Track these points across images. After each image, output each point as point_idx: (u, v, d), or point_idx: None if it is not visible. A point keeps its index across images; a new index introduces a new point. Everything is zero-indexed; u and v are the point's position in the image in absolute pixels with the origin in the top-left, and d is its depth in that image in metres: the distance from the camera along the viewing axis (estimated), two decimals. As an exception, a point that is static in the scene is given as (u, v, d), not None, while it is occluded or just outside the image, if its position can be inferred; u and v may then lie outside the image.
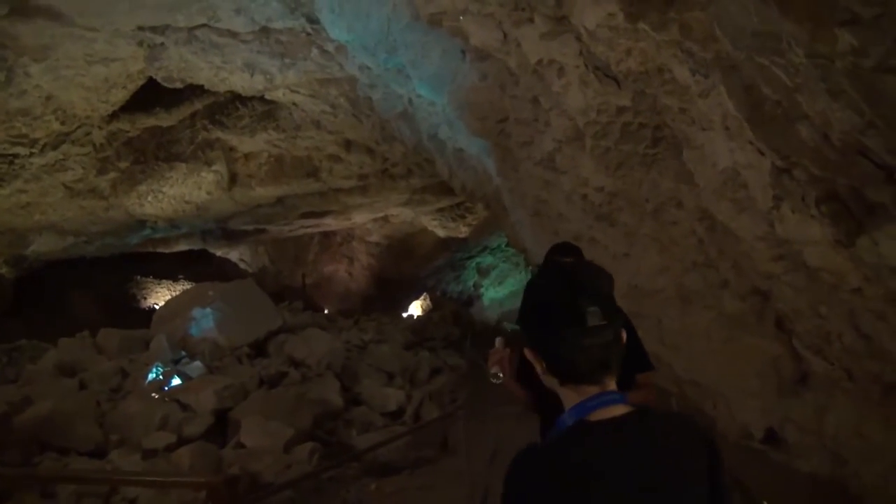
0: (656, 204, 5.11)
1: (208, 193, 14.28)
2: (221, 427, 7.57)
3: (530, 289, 1.21)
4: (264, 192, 14.94)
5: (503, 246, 24.89)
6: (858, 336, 3.21)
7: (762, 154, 3.05)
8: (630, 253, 5.76)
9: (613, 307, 1.16)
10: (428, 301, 24.30)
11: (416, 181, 15.81)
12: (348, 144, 13.80)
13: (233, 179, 14.11)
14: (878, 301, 2.81)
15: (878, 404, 3.49)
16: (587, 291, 1.14)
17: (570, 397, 1.16)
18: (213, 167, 13.25)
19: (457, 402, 9.99)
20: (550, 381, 1.18)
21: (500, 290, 26.64)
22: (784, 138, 2.86)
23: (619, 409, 1.13)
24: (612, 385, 1.16)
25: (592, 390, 1.14)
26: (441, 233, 23.54)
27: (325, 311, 20.37)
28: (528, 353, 1.18)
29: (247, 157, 13.82)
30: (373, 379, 10.15)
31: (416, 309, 24.80)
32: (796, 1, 2.28)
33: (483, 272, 26.56)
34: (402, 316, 22.29)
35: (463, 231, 22.92)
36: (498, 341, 2.42)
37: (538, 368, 1.17)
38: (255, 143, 13.13)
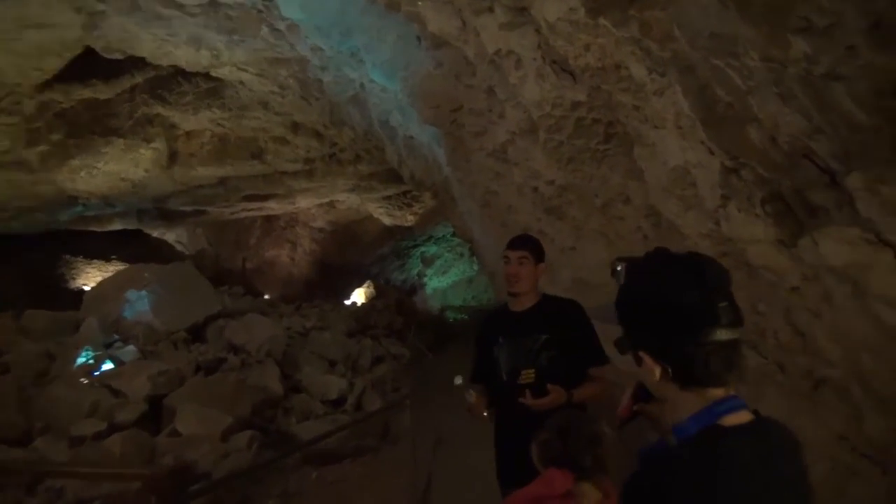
0: (605, 199, 5.19)
1: (146, 171, 13.72)
2: (155, 414, 7.32)
3: (648, 288, 1.09)
4: (206, 173, 14.47)
5: (448, 236, 24.97)
6: (794, 333, 3.34)
7: (712, 154, 3.12)
8: (577, 246, 5.85)
9: (736, 303, 1.08)
10: (371, 289, 24.14)
11: (364, 167, 15.62)
12: (296, 127, 13.51)
13: (173, 158, 13.60)
14: (814, 299, 2.92)
15: (807, 398, 3.64)
16: (719, 287, 1.06)
17: (689, 403, 1.06)
18: (153, 144, 12.73)
19: (400, 392, 9.98)
20: (664, 390, 1.09)
21: (443, 279, 26.75)
22: (734, 139, 2.94)
23: (746, 415, 1.05)
24: (733, 387, 1.08)
25: (718, 394, 1.06)
26: (387, 221, 23.40)
27: (266, 297, 19.95)
28: (645, 359, 1.07)
29: (189, 134, 13.34)
30: (314, 366, 10.01)
31: (359, 296, 24.59)
32: (754, 5, 2.34)
33: (427, 262, 26.59)
34: (344, 303, 22.07)
35: (409, 220, 22.85)
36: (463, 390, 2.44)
37: (652, 376, 1.07)
38: (198, 120, 12.68)
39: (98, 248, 21.26)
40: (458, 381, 2.47)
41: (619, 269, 1.24)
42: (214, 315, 10.84)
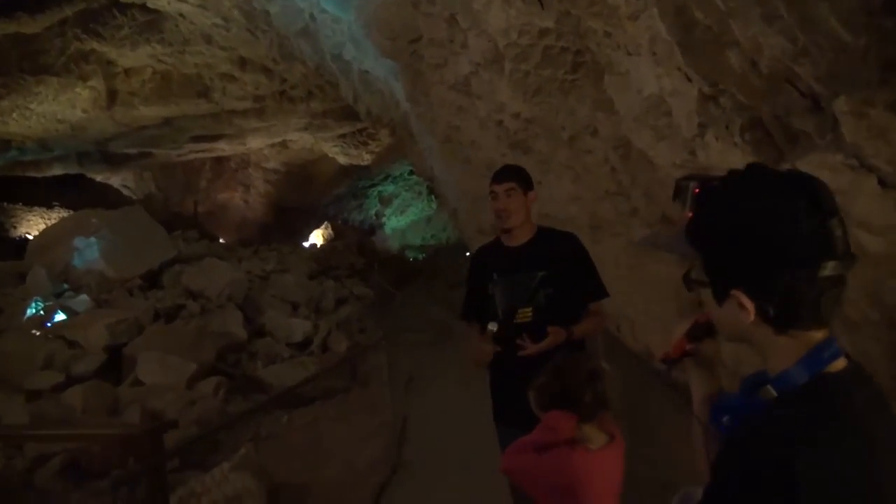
0: (572, 132, 5.10)
1: (84, 112, 12.95)
2: (115, 364, 7.13)
3: (751, 213, 0.88)
4: (149, 113, 13.75)
5: (406, 174, 24.66)
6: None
7: (689, 80, 3.04)
8: (543, 181, 5.77)
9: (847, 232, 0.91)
10: (330, 230, 23.85)
11: (317, 105, 15.09)
12: (243, 63, 12.87)
13: (112, 97, 12.83)
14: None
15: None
16: (834, 212, 0.87)
17: (787, 349, 0.89)
18: (89, 83, 11.96)
19: (366, 332, 9.98)
20: (754, 334, 0.91)
21: (402, 219, 26.60)
22: (713, 64, 2.85)
23: (842, 360, 0.90)
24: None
25: (818, 337, 0.89)
26: (343, 160, 22.87)
27: (222, 241, 19.50)
28: (739, 298, 0.88)
29: (128, 72, 12.57)
30: (277, 310, 9.88)
31: (317, 238, 24.30)
32: (743, -83, 2.21)
33: (385, 201, 26.33)
34: (303, 245, 21.79)
35: (366, 158, 22.37)
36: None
37: (742, 319, 0.89)
38: (138, 56, 11.93)
39: (38, 194, 20.28)
40: (494, 327, 2.37)
41: (688, 189, 0.99)
42: (170, 261, 10.52)
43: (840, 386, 0.86)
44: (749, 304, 0.88)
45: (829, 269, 0.85)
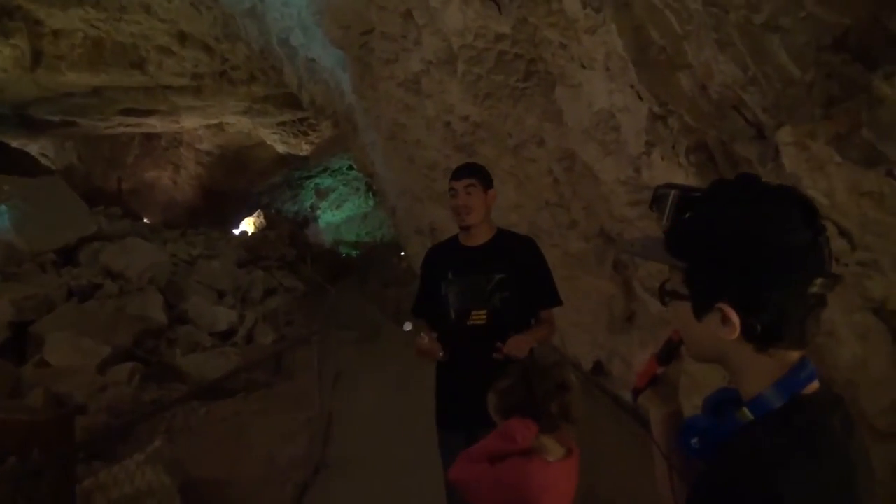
0: (518, 140, 5.13)
1: (4, 71, 12.13)
2: (19, 343, 6.66)
3: (745, 224, 0.83)
4: (77, 79, 13.01)
5: (345, 169, 24.35)
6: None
7: (641, 98, 3.10)
8: (486, 186, 5.79)
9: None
10: (262, 219, 23.22)
11: (258, 89, 14.69)
12: (183, 37, 12.38)
13: (36, 59, 12.07)
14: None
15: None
16: (824, 228, 0.84)
17: (766, 369, 0.86)
18: (12, 40, 11.20)
19: (293, 325, 9.74)
20: (735, 353, 0.87)
21: (337, 213, 26.24)
22: (665, 85, 2.91)
23: (815, 381, 0.87)
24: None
25: (794, 357, 0.86)
26: (280, 148, 22.35)
27: (146, 221, 18.64)
28: (725, 313, 0.84)
29: (56, 34, 11.84)
30: (201, 296, 9.50)
31: (248, 226, 23.61)
32: (707, -56, 2.26)
33: (321, 194, 25.91)
34: (233, 232, 21.11)
35: (304, 149, 21.94)
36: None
37: (726, 335, 0.85)
38: (68, 18, 11.26)
39: (-56, 157, 18.79)
40: (408, 327, 2.31)
41: (668, 197, 0.95)
42: (89, 237, 9.92)
43: (817, 409, 0.85)
44: (735, 319, 0.84)
45: (817, 286, 0.83)
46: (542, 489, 1.58)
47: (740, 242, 0.84)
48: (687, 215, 0.92)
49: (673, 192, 0.95)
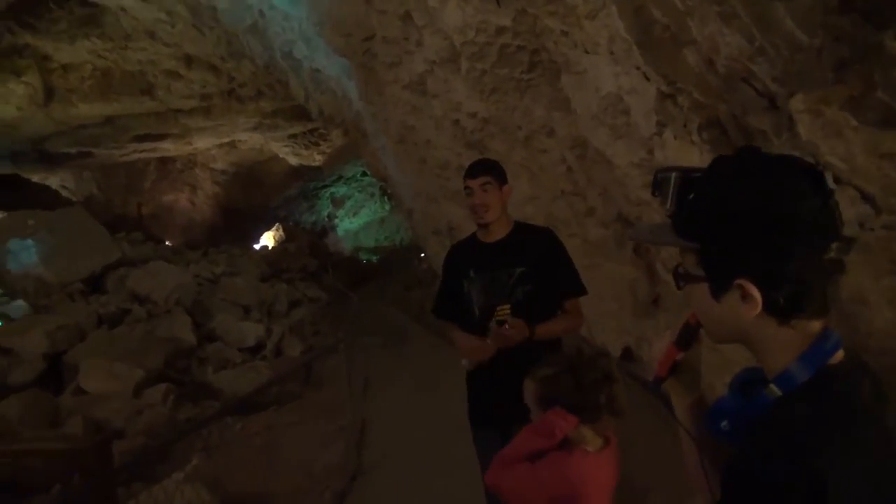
0: (528, 131, 5.11)
1: (18, 109, 12.35)
2: (55, 373, 6.79)
3: (755, 196, 0.82)
4: (89, 110, 13.23)
5: (359, 175, 24.44)
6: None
7: (648, 79, 3.06)
8: (500, 181, 5.77)
9: None
10: (281, 232, 23.42)
11: (266, 104, 14.81)
12: (189, 60, 12.52)
13: (49, 94, 12.30)
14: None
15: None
16: (832, 194, 0.83)
17: (790, 342, 0.84)
18: (24, 78, 11.43)
19: (320, 335, 9.80)
20: (758, 328, 0.85)
21: (355, 220, 26.34)
22: (671, 63, 2.88)
23: (841, 350, 0.86)
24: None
25: (817, 327, 0.84)
26: (293, 161, 22.50)
27: (168, 244, 18.89)
28: (746, 289, 0.83)
29: (66, 68, 12.05)
30: (228, 313, 9.61)
31: (268, 240, 23.83)
32: (702, -84, 2.23)
33: (337, 202, 26.03)
34: (254, 247, 21.32)
35: (317, 159, 22.07)
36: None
37: (748, 312, 0.84)
38: (76, 52, 11.46)
39: (-32, 195, 19.22)
40: (466, 364, 2.32)
41: (669, 180, 0.94)
42: (114, 264, 10.10)
43: (846, 378, 0.83)
44: (757, 294, 0.83)
45: (834, 250, 0.82)
46: (584, 482, 1.54)
47: (753, 216, 0.82)
48: (691, 196, 0.90)
49: (674, 175, 0.94)
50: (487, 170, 2.47)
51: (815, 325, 0.85)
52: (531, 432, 1.60)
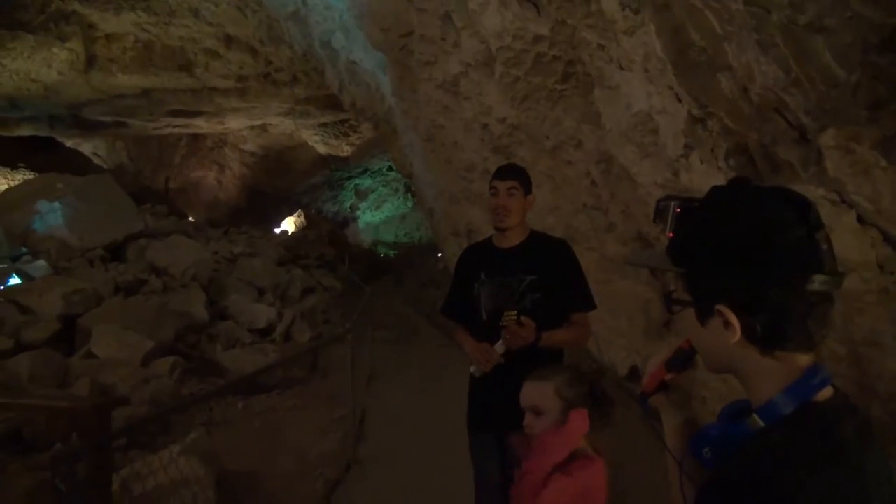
0: (556, 142, 5.10)
1: (60, 74, 12.59)
2: (69, 335, 6.90)
3: (738, 225, 0.84)
4: (128, 81, 13.44)
5: (385, 170, 24.52)
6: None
7: (680, 101, 3.04)
8: (523, 188, 5.76)
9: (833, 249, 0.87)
10: (302, 218, 23.58)
11: (300, 90, 14.92)
12: (229, 40, 12.66)
13: (90, 61, 12.51)
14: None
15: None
16: (821, 225, 0.83)
17: (774, 373, 0.84)
18: (68, 44, 11.63)
19: (330, 323, 9.86)
20: (739, 356, 0.86)
21: (376, 214, 26.44)
22: (704, 87, 2.86)
23: (829, 388, 0.85)
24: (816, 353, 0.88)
25: (804, 361, 0.85)
26: (322, 149, 22.67)
27: (191, 219, 19.12)
28: (724, 315, 0.84)
29: (109, 37, 12.25)
30: (242, 293, 9.69)
31: (289, 225, 24.01)
32: (749, -58, 2.21)
33: (361, 194, 26.15)
34: (274, 231, 21.49)
35: (345, 150, 22.21)
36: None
37: (728, 338, 0.84)
38: (121, 23, 11.64)
39: (4, 153, 19.62)
40: (475, 370, 2.33)
41: (669, 209, 0.98)
42: (136, 234, 10.24)
43: (828, 416, 0.83)
44: (735, 321, 0.84)
45: (817, 283, 0.81)
46: (602, 488, 1.57)
47: (732, 243, 0.85)
48: (686, 223, 0.94)
49: (673, 203, 0.98)
50: (516, 175, 2.48)
51: (802, 360, 0.85)
52: (553, 438, 1.57)
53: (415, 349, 8.49)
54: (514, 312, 2.34)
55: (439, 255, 13.67)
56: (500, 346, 2.28)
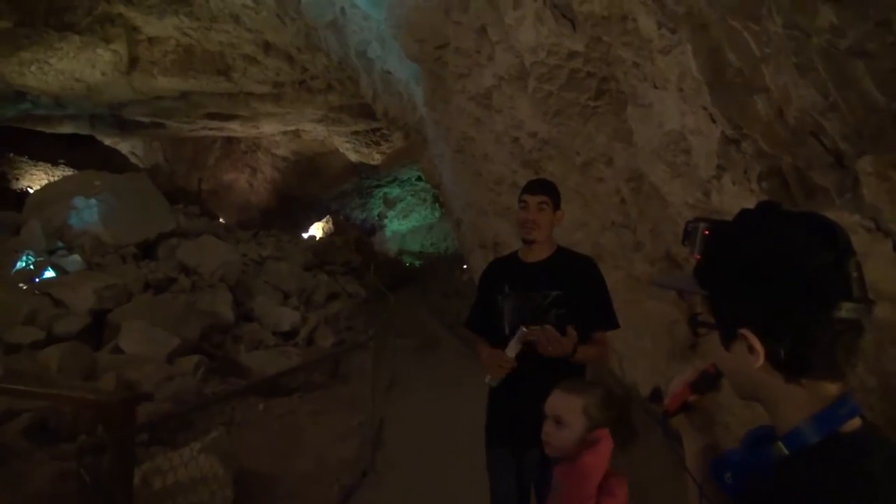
0: (586, 158, 5.08)
1: (103, 74, 12.93)
2: (98, 329, 7.06)
3: (764, 249, 0.82)
4: (167, 84, 13.75)
5: (414, 180, 24.66)
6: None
7: (713, 121, 3.02)
8: (551, 203, 5.75)
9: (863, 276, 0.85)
10: (330, 224, 23.79)
11: (334, 98, 15.11)
12: (267, 47, 12.89)
13: (133, 63, 12.83)
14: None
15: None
16: (851, 252, 0.81)
17: (799, 401, 0.82)
18: (112, 46, 11.95)
19: (353, 330, 9.91)
20: (763, 382, 0.84)
21: (403, 223, 26.57)
22: (739, 108, 2.83)
23: (857, 419, 0.84)
24: (848, 383, 0.86)
25: (832, 390, 0.82)
26: (353, 157, 22.87)
27: (221, 221, 19.43)
28: (748, 339, 0.83)
29: (151, 41, 12.56)
30: (268, 296, 9.82)
31: (317, 230, 24.24)
32: (790, -35, 2.20)
33: (390, 203, 26.31)
34: (302, 236, 21.72)
35: (376, 158, 22.37)
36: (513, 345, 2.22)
37: (751, 362, 0.83)
38: (163, 26, 11.93)
39: (46, 149, 20.24)
40: (490, 380, 2.32)
41: (698, 231, 0.96)
42: (168, 233, 10.46)
43: (856, 448, 0.80)
44: (758, 346, 0.82)
45: (844, 310, 0.79)
46: None
47: (757, 267, 0.83)
48: (712, 246, 0.93)
49: (701, 226, 0.97)
50: (547, 190, 2.48)
51: (830, 388, 0.83)
52: (594, 459, 1.52)
53: (436, 359, 8.49)
54: (537, 327, 2.33)
55: (464, 266, 13.68)
56: (511, 349, 2.25)
